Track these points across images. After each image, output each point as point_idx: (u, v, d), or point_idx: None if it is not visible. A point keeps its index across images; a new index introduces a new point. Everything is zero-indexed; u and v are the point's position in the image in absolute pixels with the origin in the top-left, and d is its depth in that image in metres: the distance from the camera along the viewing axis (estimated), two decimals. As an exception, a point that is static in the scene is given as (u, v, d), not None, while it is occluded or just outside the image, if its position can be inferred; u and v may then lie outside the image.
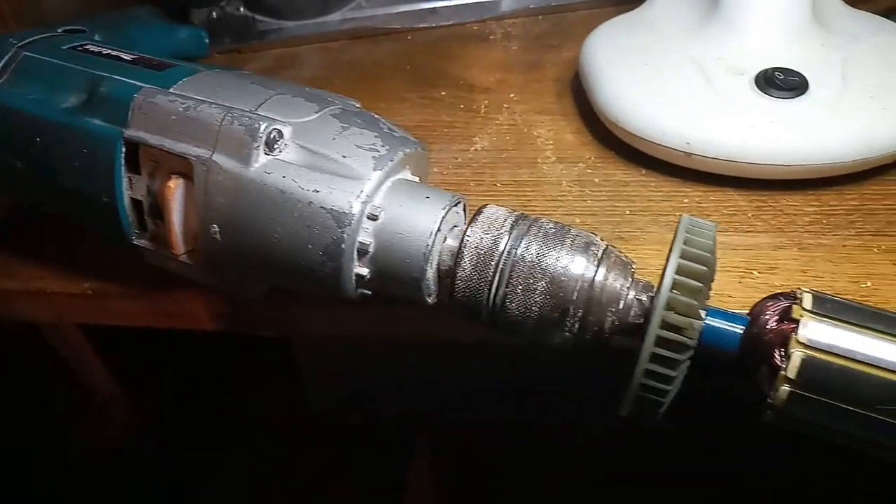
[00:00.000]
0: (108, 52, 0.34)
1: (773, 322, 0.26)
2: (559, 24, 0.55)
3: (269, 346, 0.90)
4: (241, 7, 0.54)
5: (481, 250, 0.27)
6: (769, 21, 0.40)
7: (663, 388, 0.25)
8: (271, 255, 0.28)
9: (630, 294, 0.27)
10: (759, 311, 0.26)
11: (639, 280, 0.27)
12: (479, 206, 0.29)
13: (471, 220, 0.28)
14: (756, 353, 0.26)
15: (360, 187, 0.27)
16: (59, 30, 0.42)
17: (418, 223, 0.28)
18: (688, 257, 0.25)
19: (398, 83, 0.49)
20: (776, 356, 0.25)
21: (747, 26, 0.40)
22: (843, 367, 0.24)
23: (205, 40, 0.52)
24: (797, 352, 0.24)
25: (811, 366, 0.24)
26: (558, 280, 0.26)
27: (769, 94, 0.37)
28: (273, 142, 0.28)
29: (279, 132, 0.28)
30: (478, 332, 0.31)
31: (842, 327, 0.24)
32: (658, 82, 0.39)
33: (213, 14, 0.53)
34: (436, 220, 0.28)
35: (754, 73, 0.38)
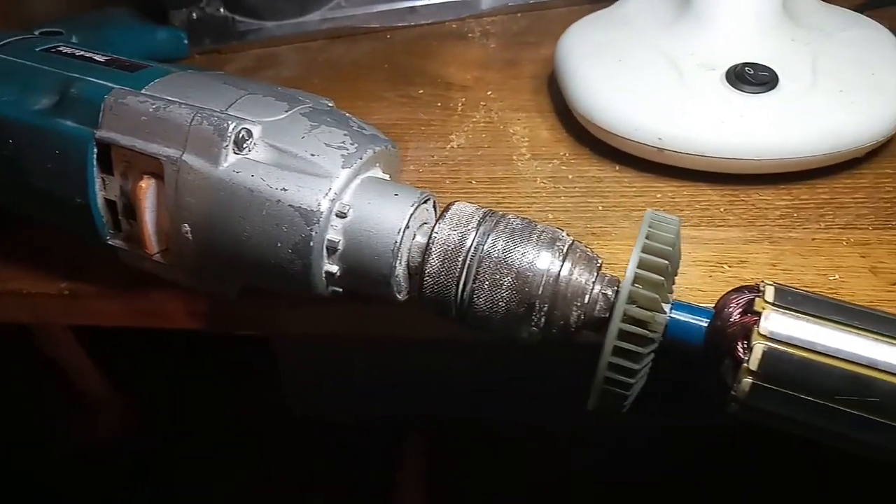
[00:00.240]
0: (81, 53, 0.34)
1: (737, 315, 0.26)
2: (538, 21, 0.55)
3: (260, 347, 0.90)
4: (220, 8, 0.54)
5: (449, 246, 0.27)
6: (740, 16, 0.40)
7: (627, 381, 0.25)
8: (242, 253, 0.29)
9: (596, 288, 0.27)
10: (724, 305, 0.27)
11: (605, 275, 0.28)
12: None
13: (439, 216, 0.28)
14: (720, 345, 0.26)
15: (328, 185, 0.28)
16: (36, 32, 0.42)
17: (386, 220, 0.28)
18: (650, 251, 0.25)
19: (376, 82, 0.50)
20: (739, 348, 0.25)
21: (719, 21, 0.40)
22: (803, 359, 0.24)
23: (184, 41, 0.52)
24: (759, 344, 0.24)
25: (772, 357, 0.24)
26: (524, 275, 0.27)
27: (739, 89, 0.37)
28: (242, 141, 0.28)
29: (248, 131, 0.29)
30: (451, 329, 0.32)
31: (803, 319, 0.25)
32: (630, 78, 0.39)
33: (193, 15, 0.53)
34: (404, 216, 0.28)
35: (725, 68, 0.38)
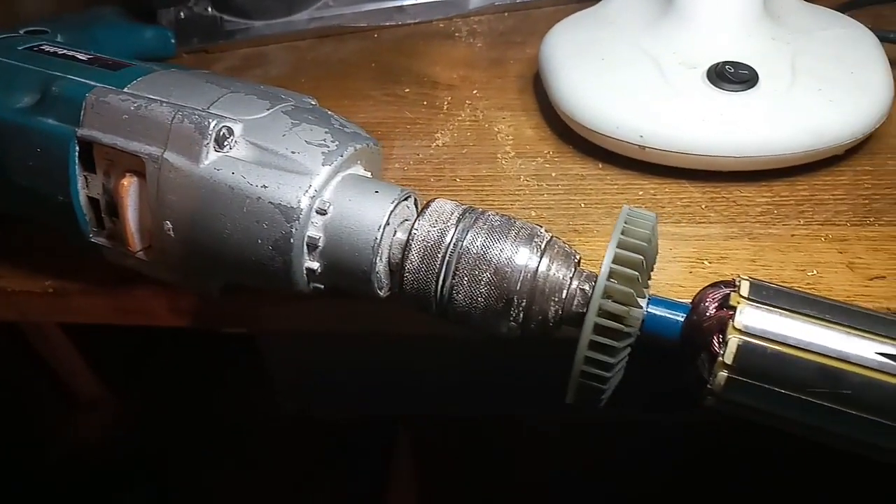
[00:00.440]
0: (64, 52, 0.34)
1: (713, 309, 0.26)
2: (524, 21, 0.56)
3: (252, 346, 0.90)
4: (208, 7, 0.54)
5: (428, 243, 0.28)
6: (721, 15, 0.40)
7: (603, 374, 0.26)
8: (223, 250, 0.29)
9: (573, 284, 0.27)
10: (700, 300, 0.27)
11: (583, 270, 0.28)
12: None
13: (419, 213, 0.29)
14: (696, 340, 0.26)
15: (308, 182, 0.28)
16: (21, 31, 0.42)
17: (367, 217, 0.28)
18: (625, 247, 0.26)
19: (363, 81, 0.50)
20: (714, 342, 0.25)
21: (700, 20, 0.40)
22: (776, 352, 0.24)
23: (171, 40, 0.53)
24: (734, 337, 0.25)
25: (747, 351, 0.25)
26: (502, 271, 0.27)
27: (720, 88, 0.38)
28: (223, 139, 0.29)
29: (229, 129, 0.29)
30: (433, 326, 0.32)
31: (776, 313, 0.25)
32: (613, 77, 0.40)
33: (181, 14, 0.54)
34: (384, 213, 0.28)
35: (706, 66, 0.38)
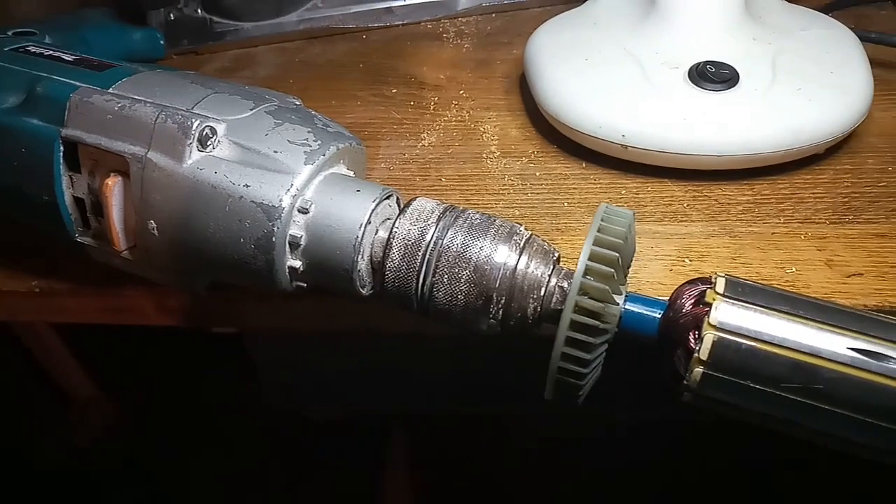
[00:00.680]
0: (50, 53, 0.34)
1: (689, 306, 0.27)
2: (511, 22, 0.56)
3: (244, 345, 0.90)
4: (198, 9, 0.55)
5: (409, 241, 0.28)
6: (703, 15, 0.41)
7: (580, 371, 0.26)
8: (206, 249, 0.29)
9: (552, 281, 0.28)
10: (677, 296, 0.27)
11: (562, 268, 0.28)
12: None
13: (400, 212, 0.29)
14: (673, 336, 0.26)
15: (290, 181, 0.28)
16: (9, 32, 0.43)
17: (348, 215, 0.28)
18: (601, 244, 0.26)
19: (351, 82, 0.50)
20: (690, 339, 0.26)
21: (682, 20, 0.41)
22: (751, 348, 0.25)
23: (160, 42, 0.53)
24: (709, 334, 0.25)
25: (721, 347, 0.25)
26: (482, 268, 0.27)
27: (701, 87, 0.38)
28: (206, 139, 0.29)
29: (212, 129, 0.29)
30: (416, 324, 0.32)
31: (752, 309, 0.25)
32: (596, 77, 0.40)
33: (171, 16, 0.54)
34: (365, 212, 0.28)
35: (688, 66, 0.39)
